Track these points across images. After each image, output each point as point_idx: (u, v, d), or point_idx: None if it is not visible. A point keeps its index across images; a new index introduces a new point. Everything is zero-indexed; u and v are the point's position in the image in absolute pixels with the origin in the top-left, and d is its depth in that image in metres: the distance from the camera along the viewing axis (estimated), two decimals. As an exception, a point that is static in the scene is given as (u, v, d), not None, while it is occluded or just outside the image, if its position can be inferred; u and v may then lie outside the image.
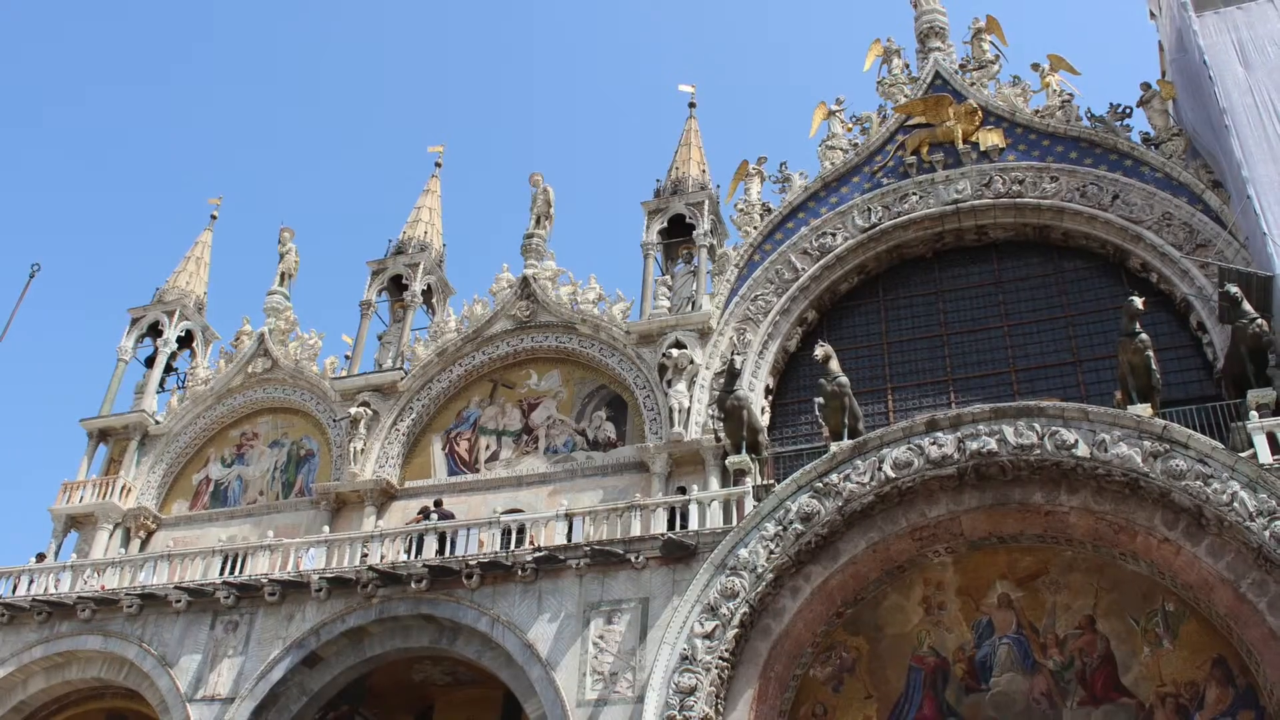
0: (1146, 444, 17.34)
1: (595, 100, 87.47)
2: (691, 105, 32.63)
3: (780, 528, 18.54)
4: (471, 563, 20.22)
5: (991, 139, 27.31)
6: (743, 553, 18.48)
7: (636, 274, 28.66)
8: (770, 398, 26.13)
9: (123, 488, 29.33)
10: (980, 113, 27.87)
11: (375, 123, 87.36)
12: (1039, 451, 17.92)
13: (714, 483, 23.91)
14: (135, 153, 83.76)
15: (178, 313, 32.64)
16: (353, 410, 28.12)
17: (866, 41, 31.26)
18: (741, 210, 28.63)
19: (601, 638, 19.05)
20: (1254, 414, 18.90)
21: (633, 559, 19.46)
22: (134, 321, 32.75)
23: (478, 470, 27.44)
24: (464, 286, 41.18)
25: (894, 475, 18.47)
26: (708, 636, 17.98)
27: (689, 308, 27.24)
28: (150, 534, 29.34)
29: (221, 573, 22.50)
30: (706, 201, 29.06)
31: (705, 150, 31.23)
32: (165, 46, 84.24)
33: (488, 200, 77.87)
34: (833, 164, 28.53)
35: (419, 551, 21.39)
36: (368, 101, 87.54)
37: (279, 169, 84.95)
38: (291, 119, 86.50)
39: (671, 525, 20.06)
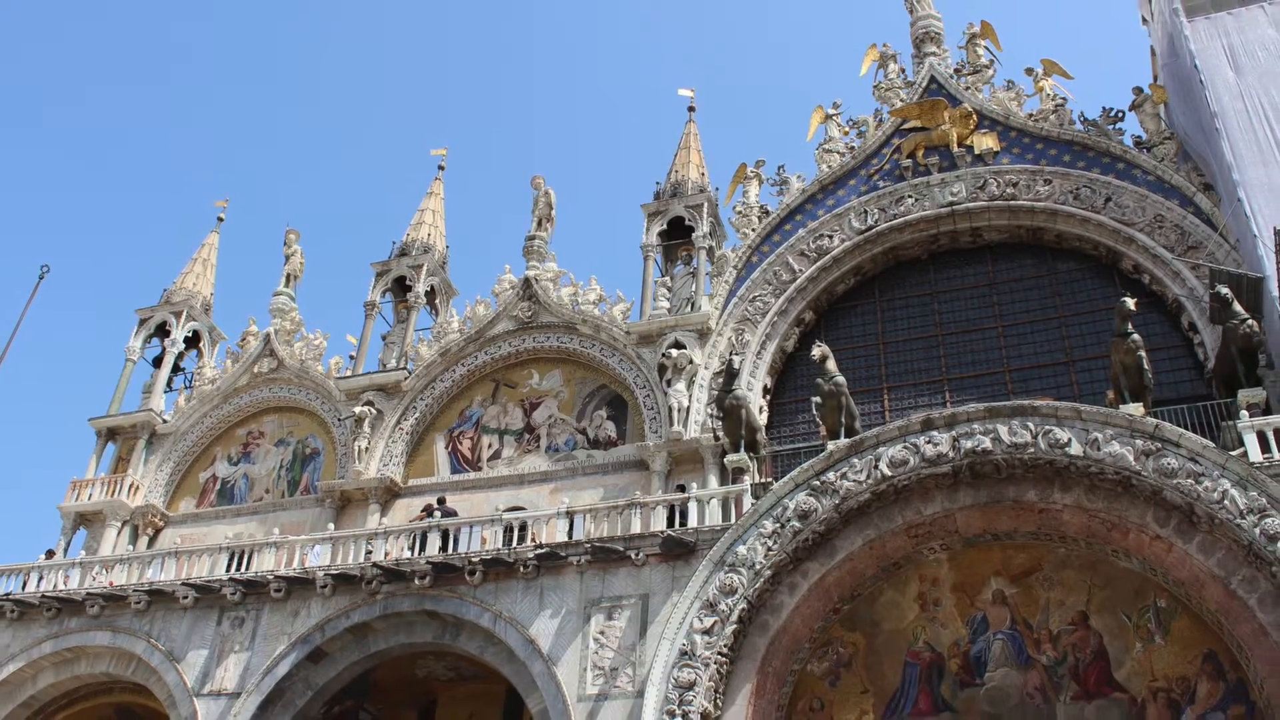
0: (1139, 443, 17.35)
1: (596, 104, 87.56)
2: (691, 109, 32.66)
3: (778, 525, 18.55)
4: (474, 559, 20.23)
5: (986, 142, 27.31)
6: (741, 550, 18.49)
7: (636, 275, 28.70)
8: (768, 397, 26.13)
9: (131, 486, 29.33)
10: (975, 116, 27.88)
11: (379, 126, 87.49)
12: (1033, 450, 17.93)
13: (713, 481, 23.91)
14: (142, 155, 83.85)
15: (185, 313, 32.65)
16: (357, 409, 28.14)
17: (863, 47, 31.35)
18: (740, 213, 28.63)
19: (602, 633, 19.06)
20: (1244, 413, 18.89)
21: (633, 556, 19.46)
22: (142, 322, 32.77)
23: (480, 468, 27.44)
24: (467, 287, 41.08)
25: (890, 473, 18.47)
26: (707, 632, 17.98)
27: (688, 308, 27.25)
28: (158, 531, 29.33)
29: (228, 569, 22.51)
30: (705, 204, 29.08)
31: (704, 153, 31.28)
32: (171, 49, 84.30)
33: (490, 203, 77.97)
34: (830, 167, 28.53)
35: (422, 548, 21.40)
36: (372, 105, 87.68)
37: (284, 172, 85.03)
38: (296, 122, 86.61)
39: (671, 523, 20.06)
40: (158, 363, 32.33)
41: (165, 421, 30.65)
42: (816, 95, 79.55)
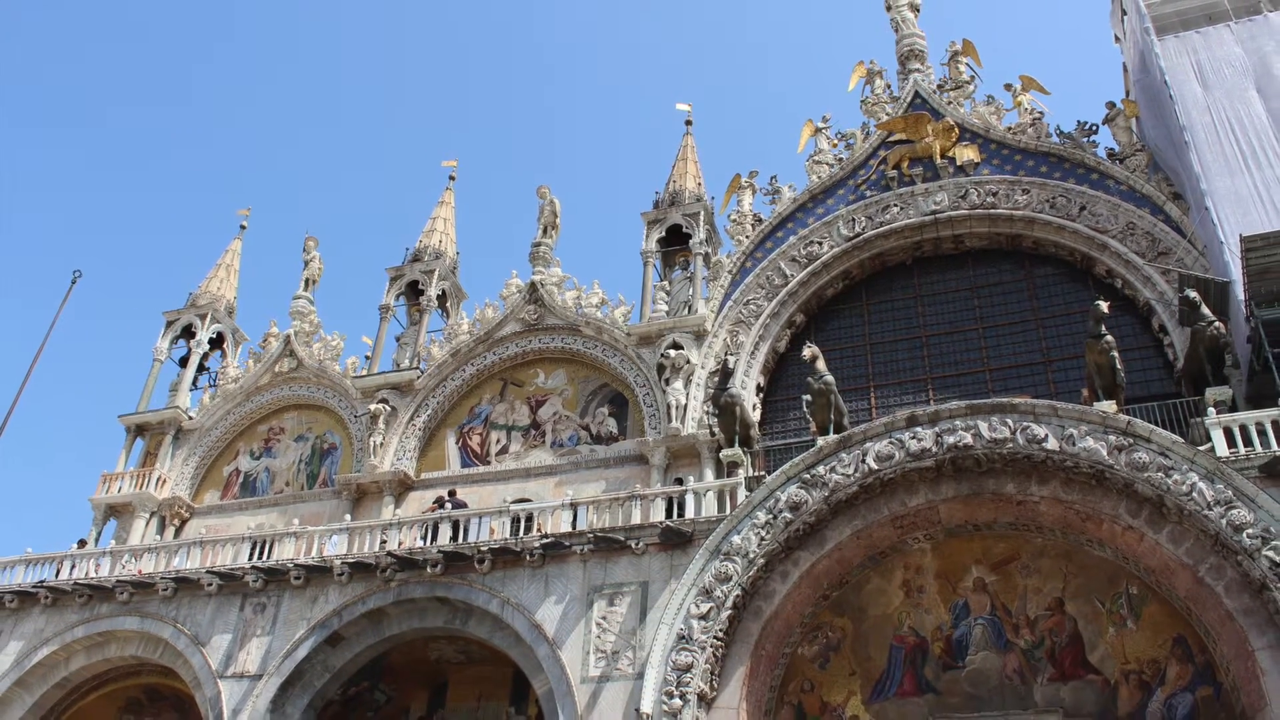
0: (1111, 438, 17.34)
1: (599, 117, 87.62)
2: (688, 123, 32.64)
3: (771, 516, 18.54)
4: (483, 549, 20.23)
5: (967, 154, 27.30)
6: (736, 539, 18.48)
7: (637, 280, 28.72)
8: (761, 395, 26.12)
9: (158, 479, 29.33)
10: (957, 130, 27.87)
11: (393, 139, 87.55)
12: (1011, 445, 17.91)
13: (709, 474, 23.89)
14: (169, 167, 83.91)
15: (209, 316, 32.67)
16: (372, 407, 28.13)
17: (851, 63, 31.29)
18: (734, 220, 28.63)
19: (604, 619, 19.05)
20: (1212, 410, 18.93)
21: (633, 545, 19.46)
22: (169, 324, 32.80)
23: (489, 462, 27.43)
24: (476, 291, 41.02)
25: (876, 467, 18.46)
26: (703, 617, 17.97)
27: (685, 311, 27.23)
28: (184, 522, 29.34)
29: (250, 558, 22.50)
30: (702, 212, 29.08)
31: (701, 164, 31.25)
32: (196, 65, 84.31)
33: (498, 211, 77.97)
34: (819, 178, 28.52)
35: (434, 538, 21.40)
36: (387, 119, 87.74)
37: (304, 182, 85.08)
38: (315, 135, 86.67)
39: (669, 514, 20.05)
40: (184, 363, 32.34)
41: (191, 418, 30.67)
42: (807, 109, 79.51)
